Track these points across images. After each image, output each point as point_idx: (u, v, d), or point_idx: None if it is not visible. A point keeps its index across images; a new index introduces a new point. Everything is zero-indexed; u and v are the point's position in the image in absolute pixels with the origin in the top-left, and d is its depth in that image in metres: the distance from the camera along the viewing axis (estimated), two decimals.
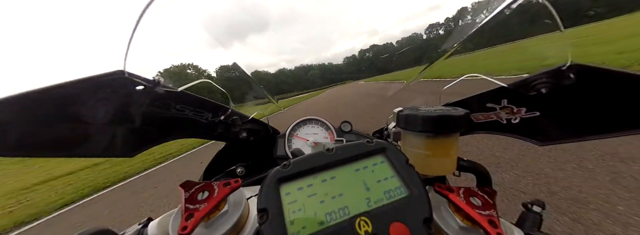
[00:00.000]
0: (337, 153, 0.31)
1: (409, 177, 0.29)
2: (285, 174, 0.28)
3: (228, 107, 0.60)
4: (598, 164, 1.97)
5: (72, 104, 0.35)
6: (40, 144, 0.36)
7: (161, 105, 0.46)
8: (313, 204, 0.26)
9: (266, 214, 0.25)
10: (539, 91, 0.37)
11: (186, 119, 0.53)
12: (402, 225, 0.24)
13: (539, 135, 0.46)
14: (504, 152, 2.50)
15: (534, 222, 0.43)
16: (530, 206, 0.46)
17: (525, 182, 1.95)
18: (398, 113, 0.44)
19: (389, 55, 6.55)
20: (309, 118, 0.88)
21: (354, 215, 0.25)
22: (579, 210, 1.54)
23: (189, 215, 0.29)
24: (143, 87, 0.37)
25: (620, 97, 0.34)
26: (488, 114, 0.49)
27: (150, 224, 0.37)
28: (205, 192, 0.32)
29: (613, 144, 2.17)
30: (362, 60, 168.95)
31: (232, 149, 0.77)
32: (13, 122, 0.31)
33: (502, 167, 2.23)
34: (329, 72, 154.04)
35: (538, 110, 0.42)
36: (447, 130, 0.40)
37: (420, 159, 0.41)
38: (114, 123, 0.42)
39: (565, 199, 1.67)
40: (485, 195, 0.32)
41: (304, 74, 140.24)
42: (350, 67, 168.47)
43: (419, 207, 0.26)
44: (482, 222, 0.28)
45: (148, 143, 0.51)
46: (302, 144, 0.84)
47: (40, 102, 0.32)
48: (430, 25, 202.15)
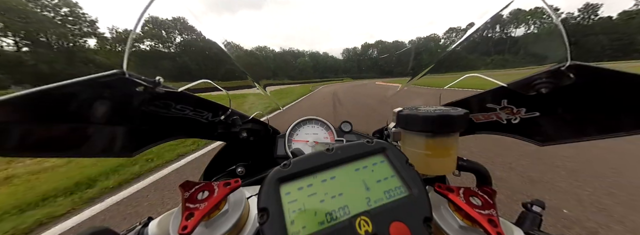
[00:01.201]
0: (337, 153, 0.31)
1: (409, 176, 0.29)
2: (286, 174, 0.28)
3: (228, 107, 0.60)
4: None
5: (72, 104, 0.35)
6: (40, 144, 0.36)
7: (161, 105, 0.46)
8: (313, 204, 0.26)
9: (266, 213, 0.25)
10: (538, 91, 0.37)
11: (186, 119, 0.53)
12: (402, 224, 0.24)
13: (539, 136, 0.46)
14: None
15: (534, 222, 0.43)
16: (529, 206, 0.46)
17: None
18: (398, 113, 0.44)
19: (405, 49, 6.24)
20: (309, 118, 0.89)
21: (354, 214, 0.25)
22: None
23: (189, 215, 0.29)
24: (143, 87, 0.37)
25: (621, 97, 0.34)
26: (488, 114, 0.49)
27: (151, 223, 0.37)
28: (205, 192, 0.32)
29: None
30: (364, 56, 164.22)
31: (232, 149, 0.77)
32: (13, 122, 0.31)
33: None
34: (323, 64, 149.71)
35: (538, 110, 0.42)
36: (446, 130, 0.40)
37: (420, 159, 0.41)
38: (114, 123, 0.42)
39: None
40: (485, 195, 0.32)
41: (292, 60, 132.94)
42: (349, 62, 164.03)
43: (419, 206, 0.26)
44: (482, 222, 0.28)
45: (148, 143, 0.51)
46: (302, 144, 0.84)
47: (40, 102, 0.32)
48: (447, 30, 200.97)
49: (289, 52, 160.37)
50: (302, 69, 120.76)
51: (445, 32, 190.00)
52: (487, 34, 14.57)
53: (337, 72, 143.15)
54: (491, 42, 18.73)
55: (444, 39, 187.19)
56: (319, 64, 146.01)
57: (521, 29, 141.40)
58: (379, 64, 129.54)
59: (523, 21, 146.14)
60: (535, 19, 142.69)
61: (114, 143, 0.44)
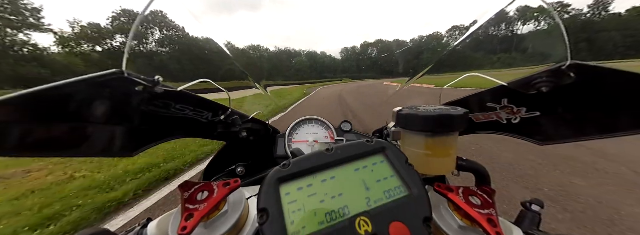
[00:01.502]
0: (337, 153, 0.31)
1: (409, 176, 0.29)
2: (285, 174, 0.28)
3: (228, 107, 0.60)
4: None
5: (72, 103, 0.35)
6: (40, 144, 0.36)
7: (161, 105, 0.46)
8: (313, 204, 0.26)
9: (266, 214, 0.25)
10: (539, 90, 0.36)
11: (186, 119, 0.53)
12: (402, 224, 0.24)
13: (539, 135, 0.46)
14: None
15: (533, 221, 0.43)
16: (529, 205, 0.46)
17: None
18: (397, 112, 0.44)
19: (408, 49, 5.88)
20: (309, 118, 0.88)
21: (354, 215, 0.25)
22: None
23: (188, 216, 0.29)
24: (143, 86, 0.37)
25: (621, 96, 0.34)
26: (488, 114, 0.49)
27: (150, 224, 0.37)
28: (204, 192, 0.32)
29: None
30: (364, 55, 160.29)
31: (232, 148, 0.77)
32: (13, 122, 0.31)
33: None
34: (321, 64, 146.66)
35: (538, 110, 0.42)
36: (446, 130, 0.40)
37: (419, 159, 0.41)
38: (114, 123, 0.42)
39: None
40: (485, 195, 0.32)
41: (287, 60, 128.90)
42: (348, 62, 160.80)
43: (419, 206, 0.26)
44: (481, 221, 0.28)
45: (148, 143, 0.51)
46: (302, 144, 0.84)
47: (40, 102, 0.32)
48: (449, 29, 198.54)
49: (285, 51, 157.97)
50: (299, 69, 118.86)
51: (448, 31, 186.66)
52: (493, 32, 14.32)
53: (336, 72, 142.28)
54: (497, 40, 18.56)
55: (447, 38, 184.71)
56: (316, 63, 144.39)
57: (529, 26, 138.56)
58: (380, 64, 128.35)
59: (530, 18, 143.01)
60: (543, 16, 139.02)
61: (113, 143, 0.44)
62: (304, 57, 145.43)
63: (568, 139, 0.42)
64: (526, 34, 20.26)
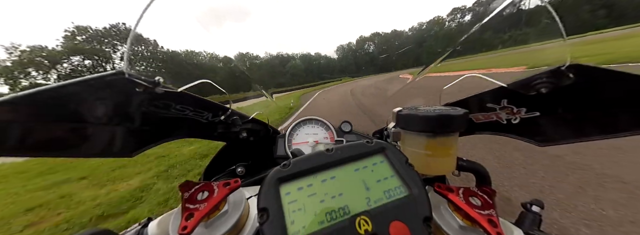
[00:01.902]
0: (337, 153, 0.31)
1: (409, 176, 0.29)
2: (285, 174, 0.28)
3: (228, 107, 0.60)
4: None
5: (73, 104, 0.35)
6: (40, 144, 0.36)
7: (161, 105, 0.46)
8: (313, 204, 0.26)
9: (266, 213, 0.25)
10: (539, 91, 0.37)
11: (186, 119, 0.53)
12: (402, 224, 0.24)
13: (539, 136, 0.46)
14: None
15: (533, 222, 0.43)
16: (529, 206, 0.46)
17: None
18: (397, 113, 0.44)
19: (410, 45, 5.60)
20: (309, 118, 0.88)
21: (354, 214, 0.25)
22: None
23: (189, 215, 0.29)
24: (143, 87, 0.37)
25: (620, 97, 0.34)
26: (488, 114, 0.49)
27: (150, 224, 0.37)
28: (205, 192, 0.32)
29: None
30: (361, 51, 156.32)
31: (232, 149, 0.77)
32: (13, 122, 0.31)
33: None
34: (317, 65, 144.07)
35: (538, 110, 0.42)
36: (446, 130, 0.40)
37: (419, 159, 0.41)
38: (114, 123, 0.42)
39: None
40: (485, 195, 0.32)
41: (279, 65, 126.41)
42: (345, 60, 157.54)
43: (419, 206, 0.27)
44: (481, 222, 0.28)
45: (148, 143, 0.51)
46: (302, 144, 0.84)
47: (41, 102, 0.32)
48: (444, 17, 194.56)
49: (277, 57, 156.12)
50: (294, 73, 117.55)
51: (449, 14, 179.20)
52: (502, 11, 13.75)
53: (333, 72, 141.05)
54: (501, 18, 18.07)
55: (449, 22, 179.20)
56: (312, 65, 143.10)
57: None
58: (379, 58, 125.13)
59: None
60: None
61: (113, 143, 0.44)
62: (298, 61, 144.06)
63: (568, 139, 0.42)
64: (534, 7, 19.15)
